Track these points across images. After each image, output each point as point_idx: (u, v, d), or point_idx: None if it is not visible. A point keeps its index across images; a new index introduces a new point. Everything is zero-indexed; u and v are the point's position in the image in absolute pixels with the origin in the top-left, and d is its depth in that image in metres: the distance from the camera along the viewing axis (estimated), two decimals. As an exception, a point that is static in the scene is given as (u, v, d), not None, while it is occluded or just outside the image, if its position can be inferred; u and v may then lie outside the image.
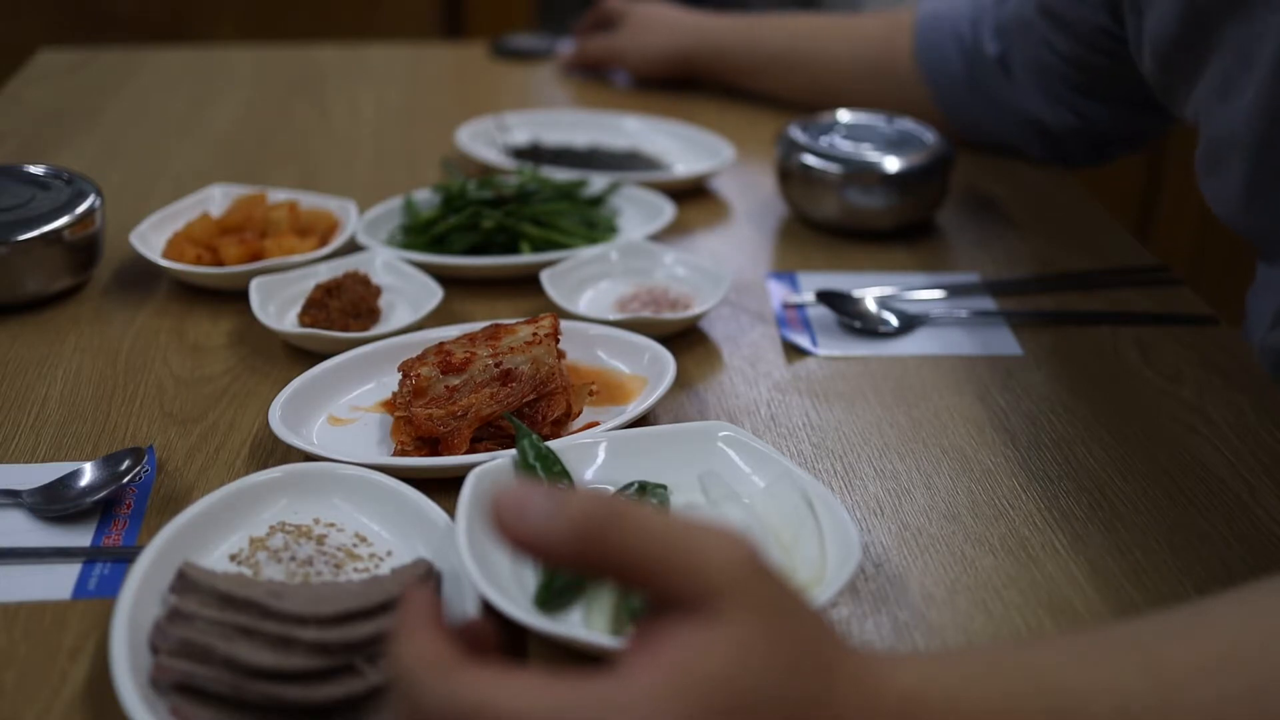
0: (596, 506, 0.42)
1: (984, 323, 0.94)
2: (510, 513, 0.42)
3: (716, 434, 0.72)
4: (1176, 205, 2.25)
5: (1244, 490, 0.74)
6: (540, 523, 0.42)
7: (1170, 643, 0.48)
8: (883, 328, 0.92)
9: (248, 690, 0.53)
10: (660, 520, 0.43)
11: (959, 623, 0.63)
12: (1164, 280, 1.01)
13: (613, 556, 0.42)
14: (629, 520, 0.42)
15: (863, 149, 1.07)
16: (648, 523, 0.42)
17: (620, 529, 0.42)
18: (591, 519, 0.42)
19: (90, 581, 0.65)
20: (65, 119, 1.36)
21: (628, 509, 0.43)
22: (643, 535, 0.42)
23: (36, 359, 0.86)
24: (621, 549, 0.42)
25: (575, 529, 0.42)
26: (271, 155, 1.28)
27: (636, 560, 0.42)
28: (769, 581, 0.43)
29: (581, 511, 0.42)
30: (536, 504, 0.42)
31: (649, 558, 0.42)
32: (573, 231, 1.02)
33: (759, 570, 0.43)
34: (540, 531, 0.42)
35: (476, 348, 0.77)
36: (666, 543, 0.42)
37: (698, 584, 0.42)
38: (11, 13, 2.26)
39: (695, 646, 0.41)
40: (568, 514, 0.42)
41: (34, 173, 0.98)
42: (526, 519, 0.42)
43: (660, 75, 1.48)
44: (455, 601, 0.60)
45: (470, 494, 0.65)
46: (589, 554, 0.42)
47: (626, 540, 0.42)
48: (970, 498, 0.73)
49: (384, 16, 2.38)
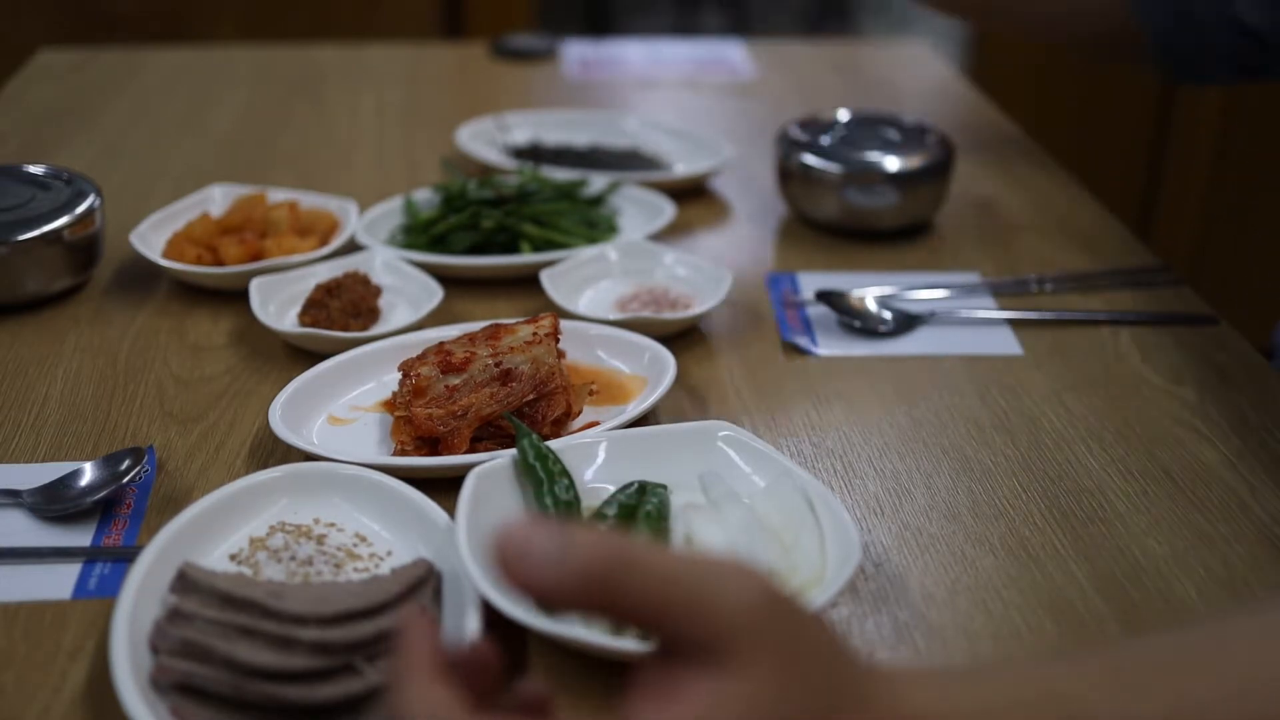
0: (603, 550, 0.41)
1: (984, 323, 0.94)
2: (513, 556, 0.41)
3: (716, 434, 0.72)
4: (1176, 205, 2.25)
5: (1244, 490, 0.74)
6: (545, 568, 0.40)
7: (1192, 673, 0.47)
8: (882, 327, 0.92)
9: (248, 690, 0.53)
10: (669, 562, 0.41)
11: (959, 622, 0.63)
12: (1164, 280, 1.01)
13: (621, 602, 0.41)
14: (637, 564, 0.41)
15: (863, 149, 1.07)
16: (656, 566, 0.41)
17: (628, 573, 0.41)
18: (598, 563, 0.40)
19: (90, 581, 0.65)
20: (65, 119, 1.36)
21: (635, 552, 0.41)
22: (651, 579, 0.41)
23: (36, 359, 0.86)
24: (630, 594, 0.41)
25: (581, 574, 0.40)
26: (271, 155, 1.28)
27: (646, 605, 0.41)
28: (782, 620, 0.42)
29: (588, 556, 0.40)
30: (540, 546, 0.41)
31: (658, 602, 0.41)
32: (573, 231, 1.02)
33: (772, 609, 0.42)
34: (545, 577, 0.40)
35: (476, 347, 0.77)
36: (676, 586, 0.41)
37: (709, 629, 0.41)
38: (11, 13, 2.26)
39: (709, 699, 0.40)
40: (574, 559, 0.40)
41: (34, 173, 0.98)
42: (530, 563, 0.41)
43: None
44: (455, 602, 0.60)
45: (470, 494, 0.65)
46: (596, 600, 0.41)
47: (635, 585, 0.41)
48: (970, 498, 0.73)
49: (384, 16, 2.38)
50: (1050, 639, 0.62)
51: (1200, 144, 2.19)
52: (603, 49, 1.69)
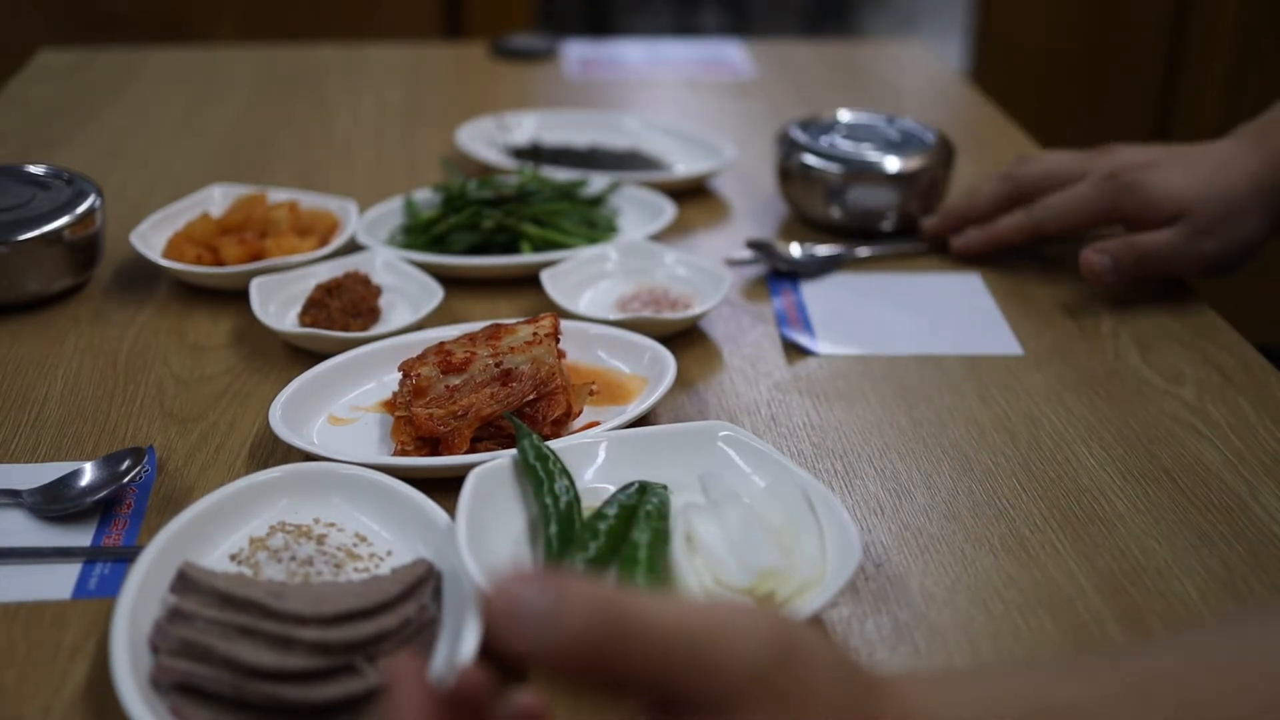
0: (599, 611, 0.38)
1: (984, 323, 0.94)
2: (502, 615, 0.38)
3: (717, 434, 0.72)
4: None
5: (1244, 490, 0.74)
6: (536, 626, 0.38)
7: (1196, 684, 0.46)
8: (801, 269, 1.01)
9: (248, 690, 0.53)
10: (669, 620, 0.39)
11: (959, 622, 0.63)
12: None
13: (618, 668, 0.38)
14: (635, 626, 0.38)
15: (863, 149, 1.07)
16: (655, 625, 0.38)
17: (625, 638, 0.38)
18: (594, 628, 0.38)
19: (90, 581, 0.65)
20: (65, 119, 1.36)
21: (633, 611, 0.38)
22: (651, 642, 0.38)
23: (36, 359, 0.86)
24: (628, 660, 0.38)
25: (575, 639, 0.38)
26: (271, 155, 1.28)
27: (645, 671, 0.38)
28: (790, 673, 0.40)
29: (582, 617, 0.38)
30: (531, 603, 0.38)
31: (659, 665, 0.38)
32: (573, 231, 1.02)
33: (778, 663, 0.40)
34: (535, 640, 0.38)
35: (477, 347, 0.77)
36: (677, 646, 0.38)
37: (717, 687, 0.39)
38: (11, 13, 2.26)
39: None
40: (567, 615, 0.38)
41: (34, 173, 0.98)
42: (520, 623, 0.38)
43: None
44: (455, 602, 0.60)
45: (470, 494, 0.65)
46: (591, 667, 0.38)
47: (633, 650, 0.38)
48: (970, 498, 0.73)
49: (384, 16, 2.38)
50: (1050, 639, 0.62)
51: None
52: (603, 49, 1.69)
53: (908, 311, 0.96)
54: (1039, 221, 0.98)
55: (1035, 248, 1.04)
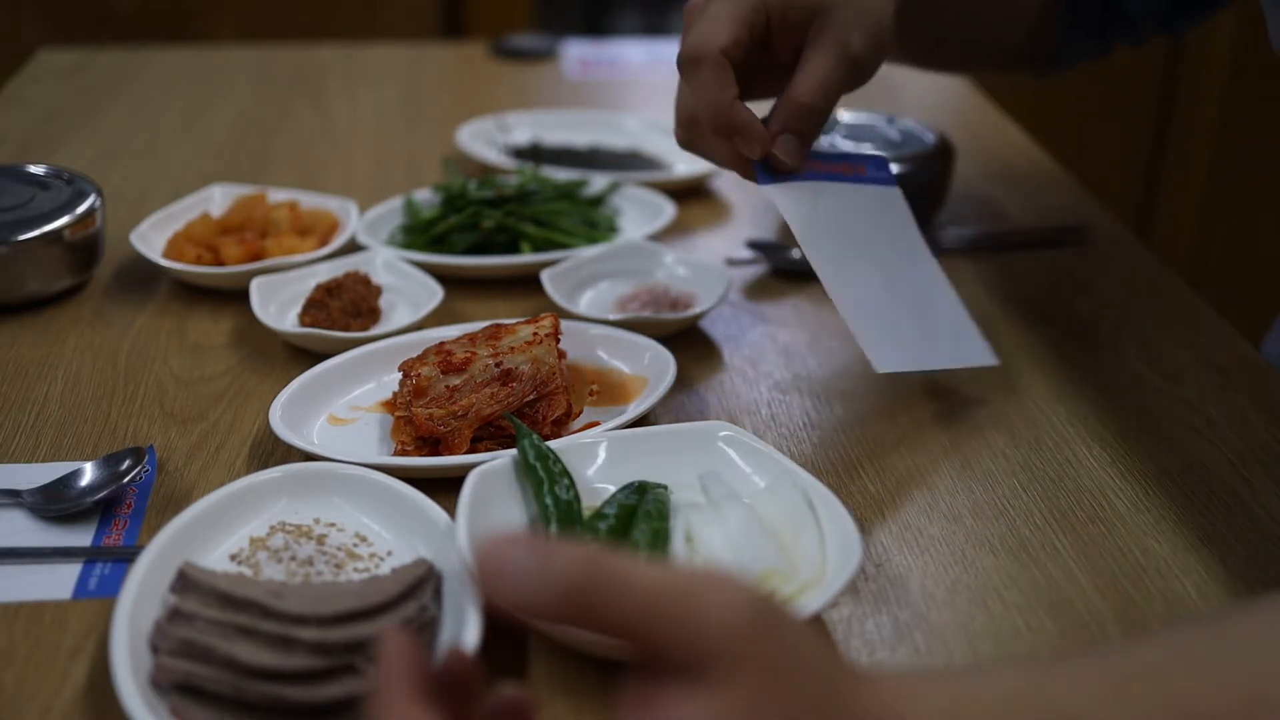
0: (584, 564, 0.40)
1: (982, 323, 0.93)
2: (491, 572, 0.41)
3: (717, 434, 0.72)
4: (1176, 205, 2.25)
5: (1244, 490, 0.74)
6: (523, 583, 0.40)
7: (1193, 683, 0.47)
8: (801, 269, 0.97)
9: (248, 690, 0.53)
10: (651, 576, 0.41)
11: (959, 622, 0.63)
12: (1164, 280, 1.01)
13: (602, 617, 0.41)
14: (618, 578, 0.40)
15: (863, 149, 1.07)
16: (637, 580, 0.41)
17: (608, 588, 0.40)
18: (579, 578, 0.40)
19: (90, 581, 0.65)
20: (65, 119, 1.36)
21: (616, 566, 0.41)
22: (633, 594, 0.40)
23: (36, 359, 0.86)
24: (611, 609, 0.40)
25: (561, 589, 0.40)
26: (271, 155, 1.28)
27: (627, 620, 0.40)
28: (767, 636, 0.41)
29: (567, 571, 0.40)
30: (518, 563, 0.40)
31: (640, 617, 0.40)
32: (573, 231, 1.02)
33: (755, 625, 0.41)
34: (524, 593, 0.40)
35: (477, 348, 0.77)
36: (658, 601, 0.40)
37: (691, 644, 0.40)
38: (11, 13, 2.26)
39: (688, 715, 0.40)
40: (553, 574, 0.40)
41: (34, 173, 0.98)
42: (509, 579, 0.40)
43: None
44: (455, 602, 0.60)
45: (470, 494, 0.65)
46: (577, 615, 0.41)
47: (615, 600, 0.40)
48: (970, 498, 0.73)
49: (384, 16, 2.38)
50: (1050, 639, 0.62)
51: (1200, 145, 2.19)
52: (603, 49, 1.69)
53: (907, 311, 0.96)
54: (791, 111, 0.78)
55: (1035, 246, 1.04)
